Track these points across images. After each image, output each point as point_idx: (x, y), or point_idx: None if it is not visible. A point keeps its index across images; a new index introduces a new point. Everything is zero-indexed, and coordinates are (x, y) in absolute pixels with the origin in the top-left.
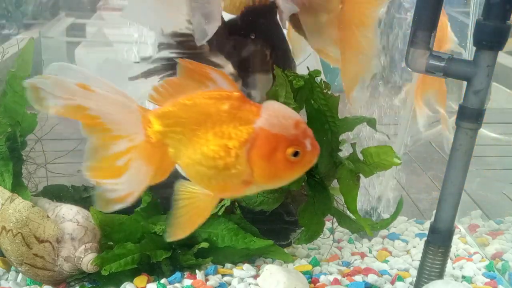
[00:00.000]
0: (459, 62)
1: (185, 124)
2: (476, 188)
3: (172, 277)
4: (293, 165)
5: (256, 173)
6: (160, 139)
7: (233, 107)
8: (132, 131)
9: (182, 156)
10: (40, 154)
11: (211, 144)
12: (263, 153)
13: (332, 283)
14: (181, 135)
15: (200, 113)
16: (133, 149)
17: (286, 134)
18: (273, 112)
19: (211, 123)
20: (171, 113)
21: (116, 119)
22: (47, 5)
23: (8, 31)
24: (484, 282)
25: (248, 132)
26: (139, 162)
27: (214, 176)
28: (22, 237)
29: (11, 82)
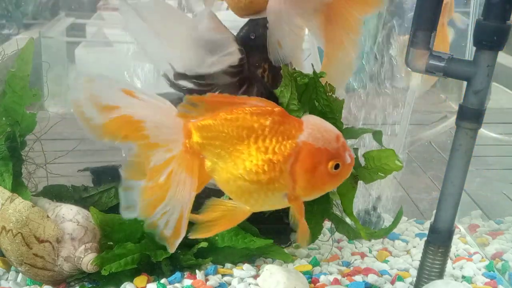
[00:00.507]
0: (459, 62)
1: (226, 138)
2: (476, 188)
3: (172, 277)
4: (334, 177)
5: (299, 186)
6: (198, 150)
7: (276, 122)
8: (172, 139)
9: (220, 170)
10: (40, 154)
11: (254, 159)
12: (307, 167)
13: (332, 283)
14: (220, 149)
15: (242, 128)
16: (173, 160)
17: (329, 148)
18: (315, 126)
19: (254, 138)
20: (212, 126)
21: (158, 126)
22: (47, 5)
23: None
24: (484, 282)
25: (292, 146)
26: (182, 174)
27: (255, 191)
28: (22, 237)
29: (10, 82)
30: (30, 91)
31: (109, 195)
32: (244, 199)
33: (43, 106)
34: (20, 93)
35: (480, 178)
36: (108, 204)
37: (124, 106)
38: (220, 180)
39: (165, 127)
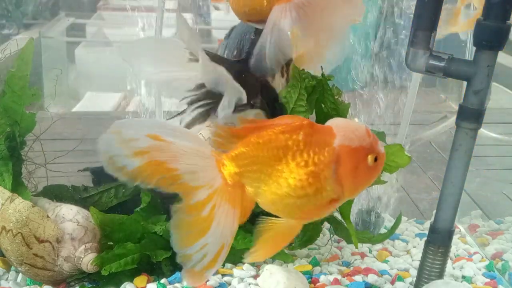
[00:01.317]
0: (459, 62)
1: (263, 161)
2: (476, 188)
3: (172, 277)
4: (373, 170)
5: (346, 188)
6: (237, 180)
7: (308, 134)
8: (210, 178)
9: (263, 193)
10: (40, 155)
11: (297, 175)
12: (350, 168)
13: (332, 283)
14: (259, 173)
15: (277, 148)
16: (214, 195)
17: (363, 144)
18: (345, 127)
19: (291, 155)
20: (245, 153)
21: (193, 170)
22: (47, 5)
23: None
24: (484, 282)
25: (330, 153)
26: (224, 206)
27: (304, 204)
28: (22, 237)
29: (9, 81)
30: (29, 91)
31: (109, 195)
32: (294, 215)
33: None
34: (19, 93)
35: (480, 178)
36: (108, 204)
37: (154, 151)
38: (266, 202)
39: (200, 170)
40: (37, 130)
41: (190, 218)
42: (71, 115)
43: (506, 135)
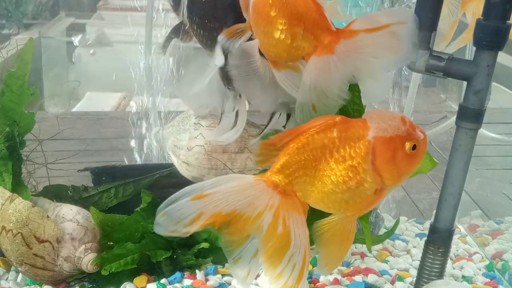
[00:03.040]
0: (459, 62)
1: (305, 165)
2: (476, 188)
3: (172, 277)
4: (414, 157)
5: (386, 178)
6: (290, 189)
7: (342, 130)
8: (267, 199)
9: (311, 194)
10: (40, 155)
11: (337, 171)
12: (387, 158)
13: (332, 283)
14: (305, 177)
15: (315, 149)
16: (279, 211)
17: (399, 133)
18: (379, 118)
19: (329, 154)
20: (288, 162)
21: (248, 201)
22: (47, 5)
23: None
24: (484, 282)
25: (366, 145)
26: (293, 216)
27: (350, 197)
28: (22, 237)
29: (8, 81)
30: (28, 90)
31: (109, 195)
32: (343, 209)
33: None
34: (18, 93)
35: (480, 178)
36: (108, 204)
37: (206, 210)
38: (316, 201)
39: (254, 198)
40: (36, 130)
41: (271, 242)
42: (71, 115)
43: (506, 135)
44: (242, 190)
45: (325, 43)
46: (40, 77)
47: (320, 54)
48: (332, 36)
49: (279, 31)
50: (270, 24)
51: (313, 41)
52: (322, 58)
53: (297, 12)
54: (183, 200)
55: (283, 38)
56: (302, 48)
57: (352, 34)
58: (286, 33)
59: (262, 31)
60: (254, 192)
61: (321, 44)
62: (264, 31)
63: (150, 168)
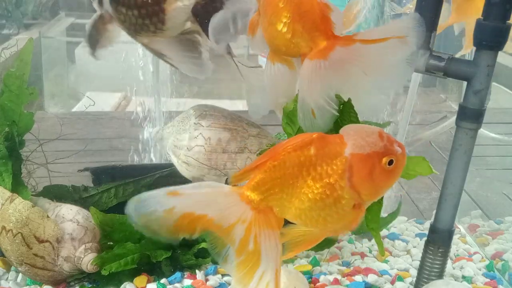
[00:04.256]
0: (459, 62)
1: (282, 182)
2: (476, 188)
3: (172, 277)
4: (392, 172)
5: (364, 194)
6: (265, 205)
7: (319, 148)
8: (240, 212)
9: (289, 210)
10: (39, 155)
11: (314, 189)
12: (364, 175)
13: (332, 283)
14: (281, 194)
15: (291, 167)
16: (251, 227)
17: (376, 149)
18: (355, 134)
19: (306, 171)
20: (264, 179)
21: (221, 210)
22: (47, 5)
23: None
24: (484, 282)
25: (342, 163)
26: (265, 233)
27: (328, 214)
28: (22, 237)
29: (6, 81)
30: (27, 90)
31: (109, 195)
32: (321, 225)
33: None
34: (17, 92)
35: (480, 178)
36: (108, 204)
37: (179, 205)
38: (293, 217)
39: (227, 208)
40: (35, 130)
41: (242, 257)
42: (71, 115)
43: (506, 135)
44: (216, 198)
45: (320, 47)
46: (40, 77)
47: (313, 57)
48: (328, 41)
49: (282, 23)
50: (276, 15)
51: (309, 42)
52: (314, 62)
53: (300, 9)
54: (158, 191)
55: (284, 31)
56: (300, 46)
57: (348, 43)
58: (288, 27)
59: (268, 20)
60: (228, 202)
61: (316, 47)
62: (269, 20)
63: (150, 168)
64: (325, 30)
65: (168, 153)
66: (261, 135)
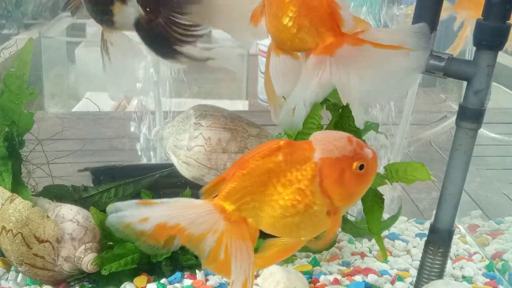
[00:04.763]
0: (459, 62)
1: (252, 191)
2: (476, 188)
3: (172, 277)
4: (363, 176)
5: (336, 199)
6: (237, 215)
7: (287, 154)
8: (211, 223)
9: (262, 219)
10: (40, 156)
11: (285, 195)
12: (334, 180)
13: (332, 283)
14: (253, 202)
15: (261, 175)
16: (223, 237)
17: (345, 153)
18: (324, 139)
19: (275, 178)
20: (235, 188)
21: (193, 220)
22: (47, 5)
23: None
24: (484, 282)
25: (312, 167)
26: (236, 244)
27: (301, 221)
28: (22, 237)
29: (6, 81)
30: (27, 90)
31: (109, 195)
32: (295, 233)
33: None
34: (17, 92)
35: (480, 178)
36: (108, 204)
37: (152, 216)
38: (268, 226)
39: (199, 219)
40: (35, 130)
41: (211, 267)
42: (71, 115)
43: (506, 135)
44: (188, 208)
45: (326, 43)
46: (40, 77)
47: (319, 53)
48: (336, 38)
49: (288, 17)
50: (282, 8)
51: (315, 38)
52: (320, 57)
53: (308, 3)
54: (129, 202)
55: (290, 26)
56: (306, 42)
57: (358, 42)
58: (294, 21)
59: (273, 13)
60: (200, 212)
61: (323, 43)
62: (274, 14)
63: (150, 168)
64: (332, 26)
65: (168, 153)
66: (261, 135)
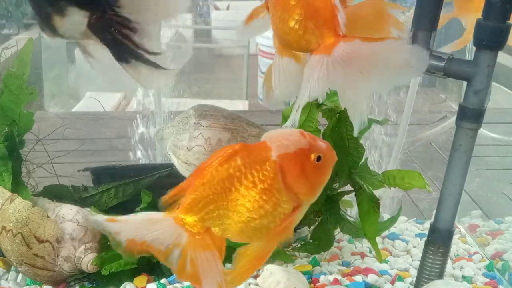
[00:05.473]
0: (459, 62)
1: (215, 198)
2: (476, 188)
3: (172, 277)
4: (322, 167)
5: (301, 194)
6: (201, 226)
7: (244, 157)
8: (174, 237)
9: (229, 227)
10: (40, 156)
11: (250, 197)
12: (296, 173)
13: (332, 283)
14: (217, 210)
15: (221, 181)
16: (187, 250)
17: (301, 146)
18: (278, 136)
19: (237, 182)
20: (195, 200)
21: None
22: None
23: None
24: (484, 282)
25: (272, 166)
26: (202, 255)
27: (270, 221)
28: (22, 237)
29: (6, 81)
30: (27, 90)
31: (109, 195)
32: (264, 235)
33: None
34: (17, 92)
35: (480, 178)
36: (108, 204)
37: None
38: (236, 233)
39: (162, 234)
40: (35, 130)
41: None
42: (71, 115)
43: (506, 135)
44: (150, 224)
45: (326, 43)
46: (40, 77)
47: (319, 52)
48: (335, 38)
49: (294, 20)
50: (288, 11)
51: (318, 39)
52: (319, 57)
53: (314, 6)
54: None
55: (296, 28)
56: (311, 43)
57: (350, 39)
58: (300, 24)
59: (279, 16)
60: (162, 228)
61: (323, 43)
62: (280, 17)
63: (150, 168)
64: (333, 27)
65: (168, 153)
66: (261, 135)
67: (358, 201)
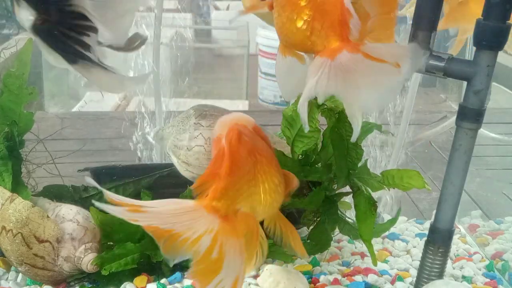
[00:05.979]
0: (459, 62)
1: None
2: (476, 188)
3: (172, 277)
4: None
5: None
6: (232, 210)
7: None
8: (207, 223)
9: (259, 204)
10: (40, 156)
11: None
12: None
13: (332, 283)
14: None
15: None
16: (218, 236)
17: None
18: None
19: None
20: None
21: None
22: None
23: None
24: (484, 282)
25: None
26: (230, 241)
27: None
28: (22, 237)
29: (6, 81)
30: (27, 90)
31: None
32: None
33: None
34: (17, 92)
35: (480, 178)
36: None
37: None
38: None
39: (194, 222)
40: (35, 130)
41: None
42: (71, 115)
43: (506, 135)
44: (181, 214)
45: (331, 47)
46: (40, 77)
47: (323, 55)
48: (340, 43)
49: (302, 21)
50: (297, 12)
51: (324, 41)
52: (323, 59)
53: (323, 8)
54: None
55: (304, 28)
56: (316, 44)
57: (354, 50)
58: (308, 25)
59: (286, 16)
60: (193, 217)
61: (328, 46)
62: (288, 16)
63: (150, 168)
64: (340, 32)
65: (168, 153)
66: None
67: (356, 202)
